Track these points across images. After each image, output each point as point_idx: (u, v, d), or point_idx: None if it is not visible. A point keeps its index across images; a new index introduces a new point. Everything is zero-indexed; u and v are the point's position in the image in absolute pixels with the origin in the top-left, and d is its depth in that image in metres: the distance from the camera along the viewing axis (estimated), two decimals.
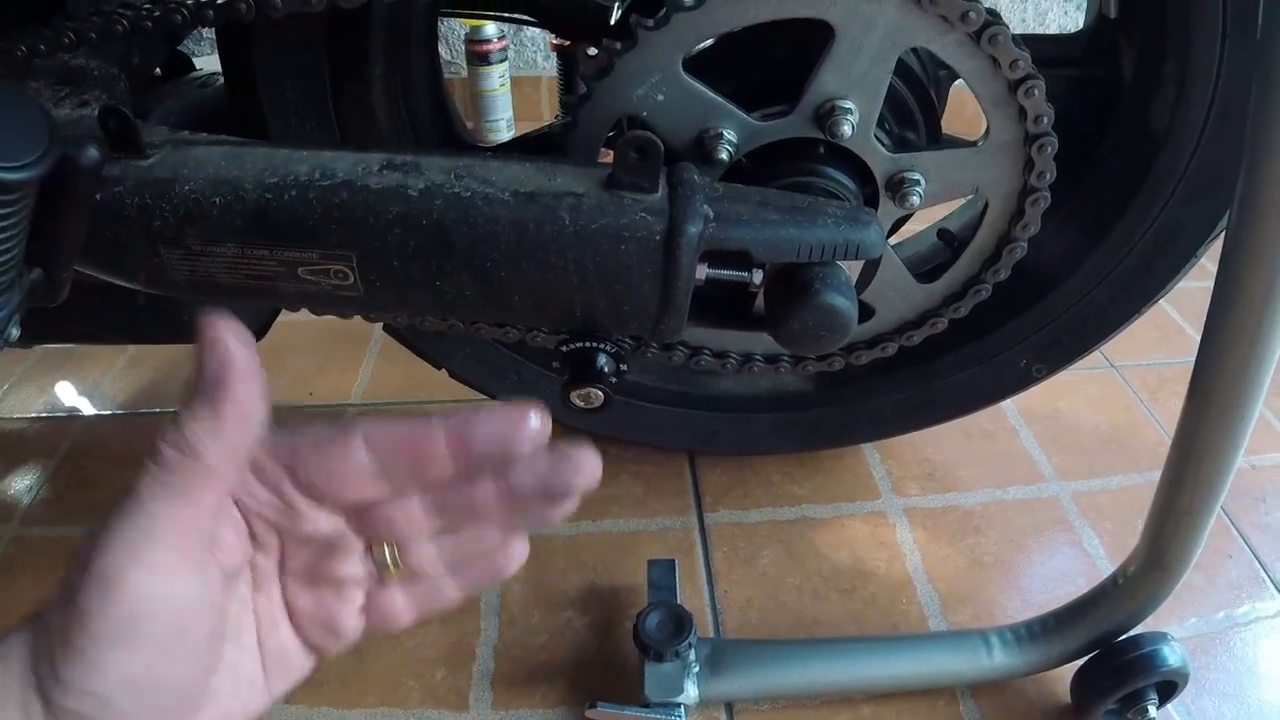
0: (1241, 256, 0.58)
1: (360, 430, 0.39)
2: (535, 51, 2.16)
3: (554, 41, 1.86)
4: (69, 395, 1.27)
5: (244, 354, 0.35)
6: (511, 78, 2.11)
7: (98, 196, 0.58)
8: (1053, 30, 2.19)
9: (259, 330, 0.92)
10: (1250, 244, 0.57)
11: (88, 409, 1.24)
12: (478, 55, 1.99)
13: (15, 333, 0.58)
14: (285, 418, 1.11)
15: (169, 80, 0.84)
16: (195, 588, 0.35)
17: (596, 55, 0.73)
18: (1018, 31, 0.63)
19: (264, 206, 0.57)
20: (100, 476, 1.12)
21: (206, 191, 0.58)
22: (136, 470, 1.12)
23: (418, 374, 1.23)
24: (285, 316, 0.94)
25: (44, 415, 1.23)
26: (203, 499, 0.35)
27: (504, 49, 2.02)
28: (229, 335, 0.35)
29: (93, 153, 0.53)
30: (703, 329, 0.76)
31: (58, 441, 1.17)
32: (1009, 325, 0.92)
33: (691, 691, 0.78)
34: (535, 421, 0.38)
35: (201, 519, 0.36)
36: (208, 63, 0.87)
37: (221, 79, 0.83)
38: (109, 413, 1.24)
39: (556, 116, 1.64)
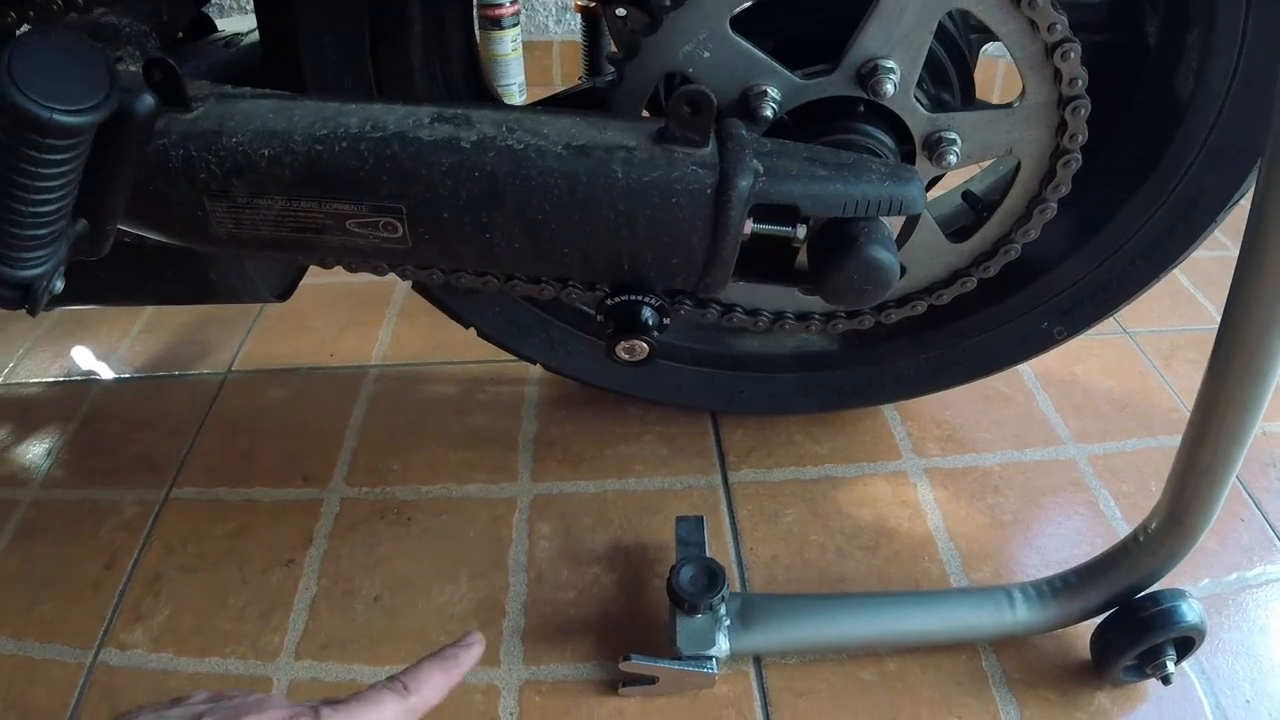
0: (1269, 219, 0.59)
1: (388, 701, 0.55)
2: (547, 16, 2.16)
3: (578, 2, 1.85)
4: (85, 359, 1.28)
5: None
6: (524, 42, 2.10)
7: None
8: None
9: (285, 291, 0.93)
10: (1277, 207, 0.58)
11: (105, 373, 1.25)
12: (490, 19, 1.98)
13: (60, 284, 0.59)
14: (306, 379, 1.12)
15: (193, 40, 0.84)
16: None
17: (629, 15, 0.73)
18: None
19: (314, 158, 0.58)
20: (118, 440, 1.12)
21: (254, 143, 0.58)
22: (154, 434, 1.13)
23: (437, 336, 1.26)
24: (305, 279, 0.96)
25: (60, 380, 1.24)
26: None
27: (516, 14, 2.01)
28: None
29: (148, 100, 0.53)
30: (744, 283, 0.77)
31: (75, 405, 1.18)
32: (1032, 287, 0.92)
33: (723, 644, 0.80)
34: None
35: None
36: (228, 24, 0.88)
37: (244, 39, 0.84)
38: (126, 376, 1.24)
39: (580, 79, 1.63)
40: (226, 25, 0.88)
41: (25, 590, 0.92)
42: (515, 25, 2.02)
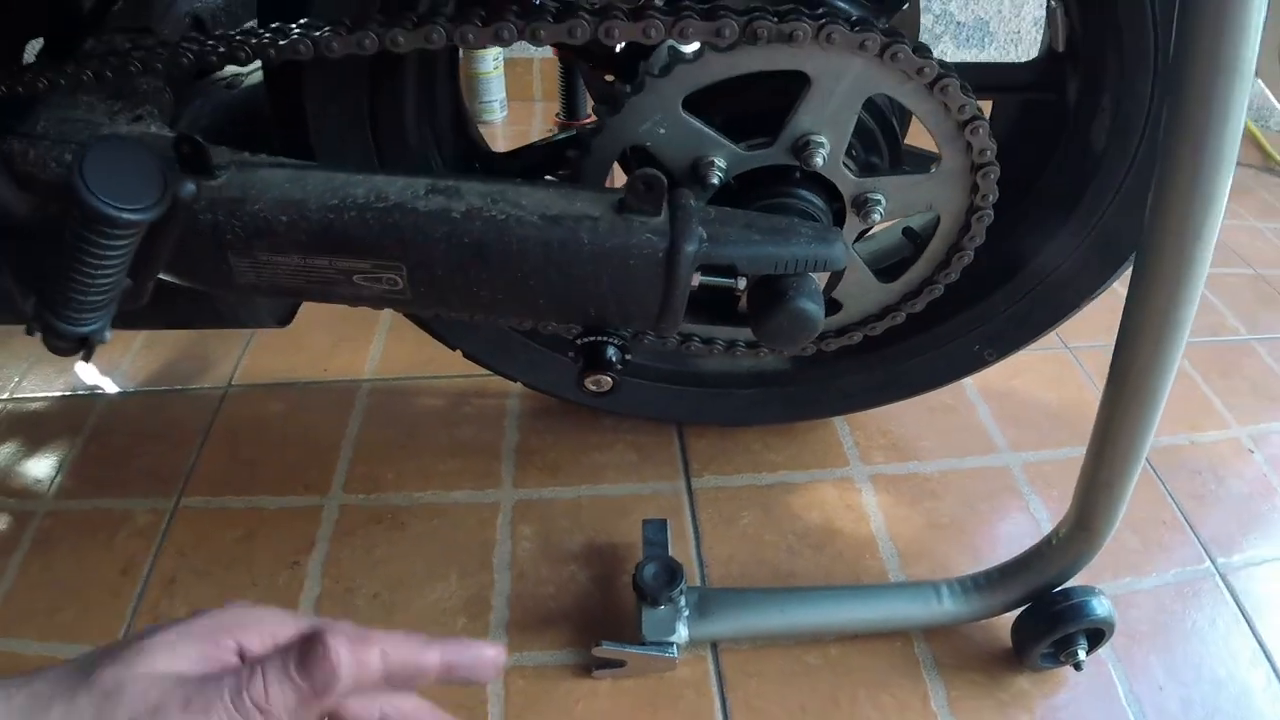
0: (1153, 256, 0.64)
1: (379, 641, 0.48)
2: None
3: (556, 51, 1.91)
4: (90, 375, 1.30)
5: (348, 670, 0.45)
6: (505, 60, 2.15)
7: None
8: (1028, 20, 2.30)
9: (286, 318, 0.98)
10: (1160, 248, 0.64)
11: (109, 388, 1.28)
12: None
13: (110, 335, 0.67)
14: (303, 392, 1.17)
15: (195, 81, 0.88)
16: None
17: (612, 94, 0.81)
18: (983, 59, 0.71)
19: (326, 225, 0.66)
20: (126, 452, 1.15)
21: (274, 211, 0.66)
22: (160, 445, 1.17)
23: (427, 351, 1.27)
24: None
25: (66, 394, 1.27)
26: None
27: None
28: (342, 653, 0.45)
29: (190, 188, 0.62)
30: (695, 325, 0.85)
31: (82, 419, 1.21)
32: (962, 316, 1.00)
33: (682, 632, 0.87)
34: (501, 661, 0.50)
35: None
36: None
37: (245, 80, 0.89)
38: (130, 390, 1.27)
39: (557, 115, 1.71)
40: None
41: (46, 596, 0.96)
42: None
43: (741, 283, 0.70)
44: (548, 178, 0.89)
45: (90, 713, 0.39)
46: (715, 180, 0.77)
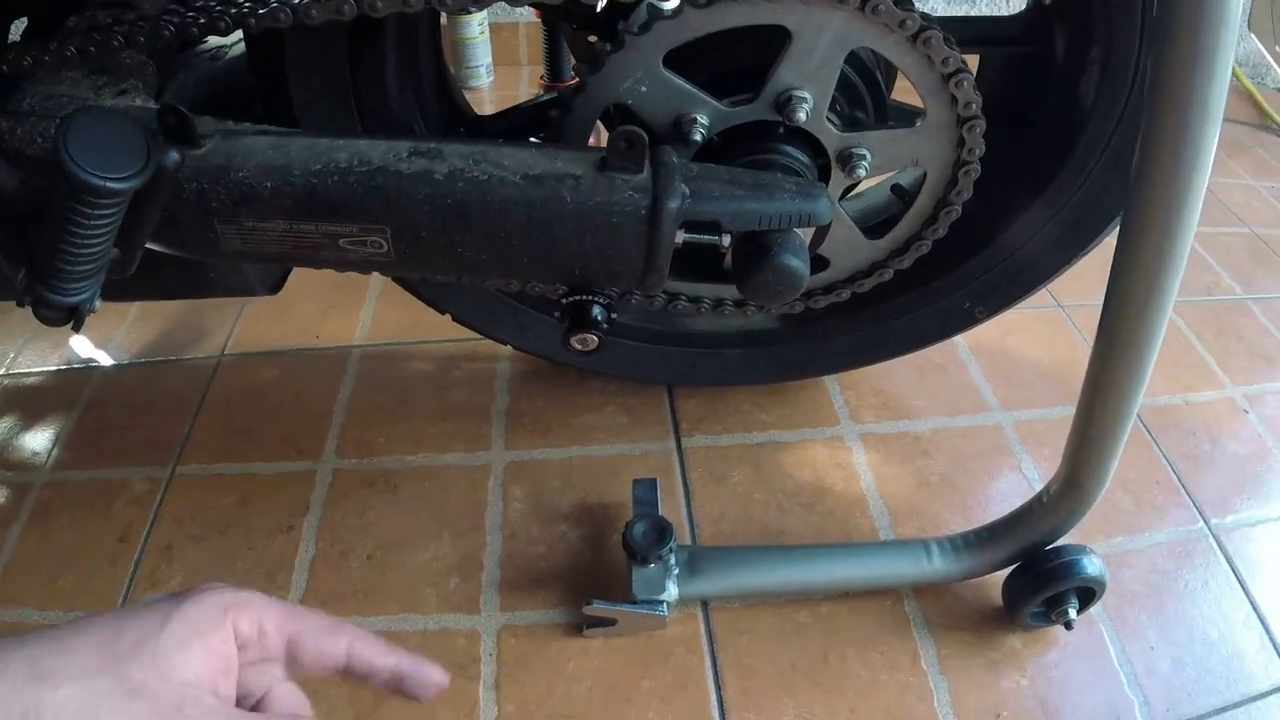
0: (1140, 212, 0.64)
1: (349, 635, 0.48)
2: None
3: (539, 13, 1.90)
4: (84, 348, 1.31)
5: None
6: (490, 24, 2.15)
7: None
8: None
9: (277, 285, 0.98)
10: (1148, 203, 0.64)
11: (104, 360, 1.29)
12: None
13: (99, 304, 0.68)
14: (295, 360, 1.18)
15: (178, 54, 0.87)
16: None
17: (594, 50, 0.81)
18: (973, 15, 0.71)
19: (310, 190, 0.66)
20: (122, 423, 1.17)
21: (259, 177, 0.66)
22: (155, 415, 1.17)
23: (415, 316, 1.30)
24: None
25: (61, 368, 1.27)
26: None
27: None
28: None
29: (175, 156, 0.62)
30: (680, 283, 0.85)
31: (77, 392, 1.22)
32: (953, 273, 1.00)
33: (672, 590, 0.88)
34: (445, 687, 0.50)
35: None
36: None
37: (228, 52, 0.88)
38: (125, 362, 1.28)
39: (542, 78, 1.70)
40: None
41: (45, 565, 0.98)
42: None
43: (726, 239, 0.70)
44: (530, 139, 0.89)
45: (118, 705, 0.39)
46: (698, 137, 0.77)
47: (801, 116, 0.75)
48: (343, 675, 0.48)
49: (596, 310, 0.73)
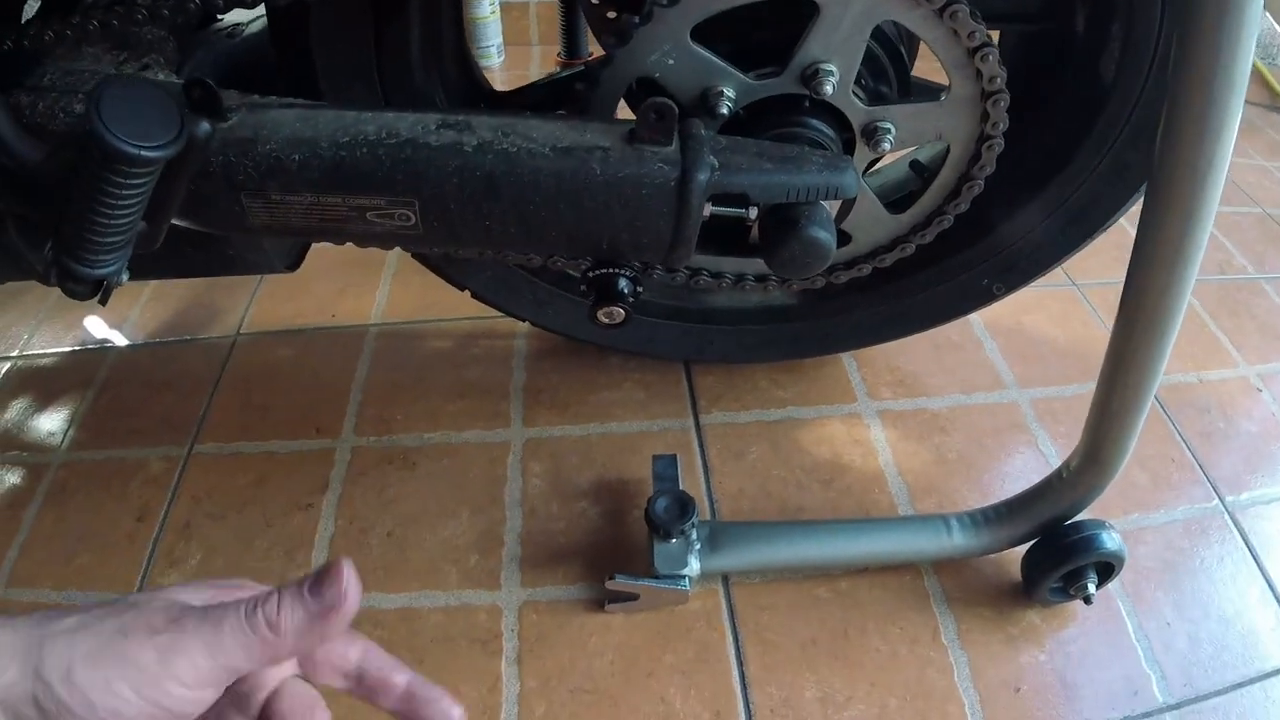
0: (1164, 186, 0.64)
1: (364, 644, 0.48)
2: None
3: None
4: (99, 328, 1.31)
5: (355, 599, 0.44)
6: (501, 4, 2.13)
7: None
8: None
9: (296, 261, 0.98)
10: (1172, 176, 0.63)
11: (119, 340, 1.29)
12: None
13: (125, 277, 0.67)
14: (311, 338, 1.18)
15: (197, 30, 0.87)
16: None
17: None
18: None
19: (338, 162, 0.66)
20: (138, 402, 1.17)
21: (286, 149, 0.66)
22: (172, 395, 1.17)
23: (430, 295, 1.31)
24: None
25: (76, 348, 1.28)
26: (255, 658, 0.43)
27: None
28: (352, 581, 0.43)
29: (206, 127, 0.62)
30: (705, 256, 0.85)
31: (93, 372, 1.23)
32: (972, 249, 0.99)
33: (694, 565, 0.88)
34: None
35: (241, 668, 0.43)
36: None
37: (245, 29, 0.88)
38: (140, 342, 1.28)
39: (559, 56, 1.70)
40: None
41: (62, 544, 0.98)
42: None
43: (753, 212, 0.70)
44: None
45: (112, 622, 0.40)
46: (724, 110, 0.76)
47: (828, 90, 0.75)
48: (354, 686, 0.48)
49: (623, 283, 0.73)
